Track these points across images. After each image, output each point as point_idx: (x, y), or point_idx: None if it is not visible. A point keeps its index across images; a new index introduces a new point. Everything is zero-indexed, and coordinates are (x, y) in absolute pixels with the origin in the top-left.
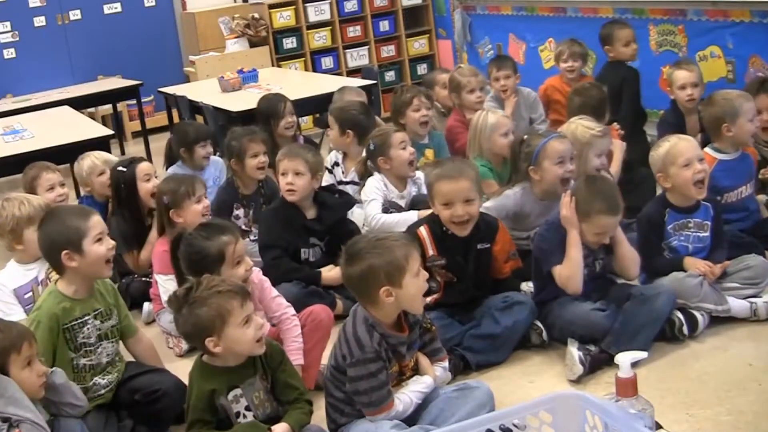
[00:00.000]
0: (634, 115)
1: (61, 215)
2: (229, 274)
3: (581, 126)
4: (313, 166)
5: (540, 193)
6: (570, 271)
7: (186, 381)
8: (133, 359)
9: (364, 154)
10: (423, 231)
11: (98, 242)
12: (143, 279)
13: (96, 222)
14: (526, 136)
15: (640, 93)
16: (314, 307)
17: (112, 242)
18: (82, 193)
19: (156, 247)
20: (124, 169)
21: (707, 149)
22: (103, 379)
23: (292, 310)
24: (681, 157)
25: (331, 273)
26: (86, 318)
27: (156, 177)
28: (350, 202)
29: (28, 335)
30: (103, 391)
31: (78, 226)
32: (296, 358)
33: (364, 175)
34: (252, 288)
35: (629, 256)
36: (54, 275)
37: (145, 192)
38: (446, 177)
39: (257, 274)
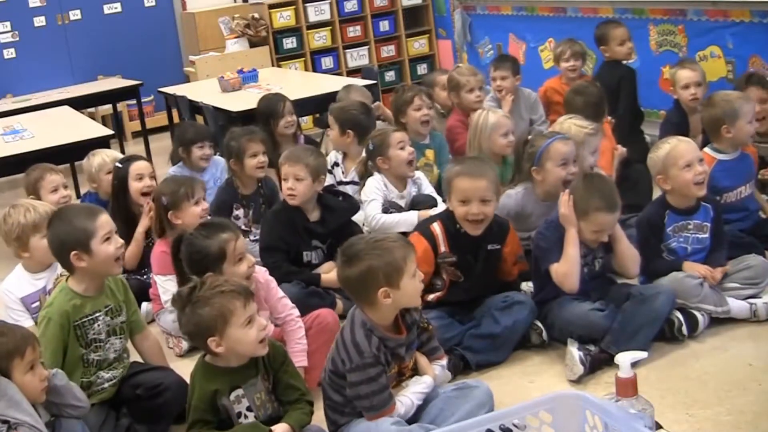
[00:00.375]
0: (632, 114)
1: (69, 216)
2: (231, 271)
3: (574, 125)
4: (314, 170)
5: (542, 194)
6: (567, 269)
7: (186, 380)
8: (138, 357)
9: (364, 154)
10: (437, 227)
11: (107, 241)
12: (139, 278)
13: (104, 221)
14: (530, 137)
15: (637, 92)
16: (321, 310)
17: (121, 241)
18: (83, 190)
19: (155, 249)
20: (120, 165)
21: (707, 149)
22: (107, 373)
23: (296, 312)
24: (681, 159)
25: (330, 275)
26: (97, 315)
27: (153, 178)
28: (355, 207)
29: (32, 339)
30: (106, 385)
31: (86, 226)
32: (300, 359)
33: (365, 175)
34: (258, 288)
35: (628, 254)
36: (61, 281)
37: (134, 191)
38: (466, 174)
39: (264, 274)
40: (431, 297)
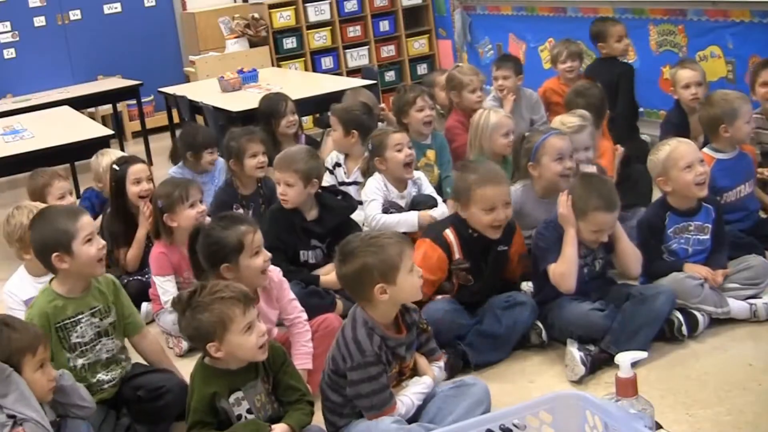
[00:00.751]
0: (631, 111)
1: (51, 217)
2: (248, 264)
3: (557, 121)
4: (305, 174)
5: (540, 190)
6: (564, 269)
7: (186, 381)
8: (140, 359)
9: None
10: (450, 234)
11: (88, 243)
12: (140, 278)
13: (85, 223)
14: (527, 133)
15: (635, 90)
16: (328, 315)
17: (103, 242)
18: (83, 188)
19: (153, 250)
20: (117, 168)
21: (705, 149)
22: (107, 375)
23: (305, 315)
24: (682, 160)
25: (329, 277)
26: (80, 317)
27: (150, 180)
28: (353, 205)
29: (44, 338)
30: (106, 386)
31: (67, 228)
32: (305, 362)
33: (367, 174)
34: (271, 286)
35: (629, 252)
36: None
37: (132, 194)
38: (490, 182)
39: (278, 273)
40: (439, 298)
